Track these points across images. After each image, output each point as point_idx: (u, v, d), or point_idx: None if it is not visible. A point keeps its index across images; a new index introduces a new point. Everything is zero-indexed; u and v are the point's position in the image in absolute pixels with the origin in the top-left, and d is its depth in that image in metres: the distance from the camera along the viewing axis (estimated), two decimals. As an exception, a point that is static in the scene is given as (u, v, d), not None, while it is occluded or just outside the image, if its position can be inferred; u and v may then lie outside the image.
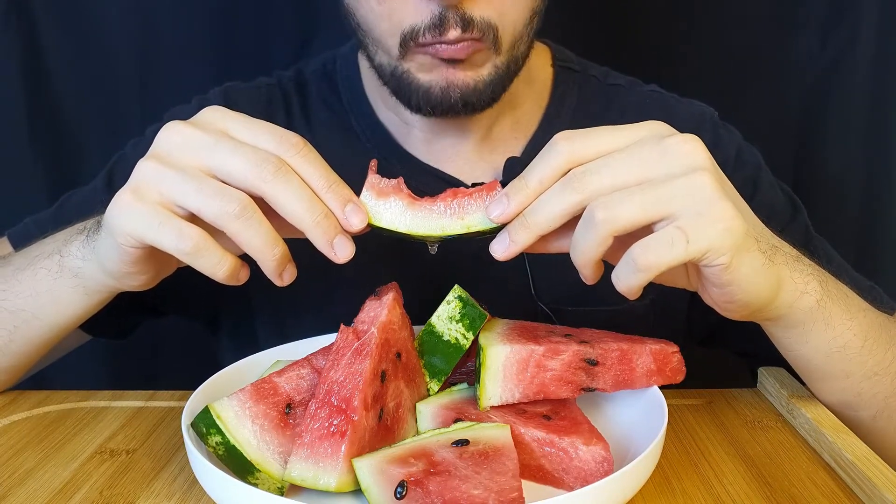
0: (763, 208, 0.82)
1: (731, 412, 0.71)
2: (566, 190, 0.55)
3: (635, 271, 0.53)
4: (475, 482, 0.51)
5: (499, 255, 0.59)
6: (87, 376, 1.27)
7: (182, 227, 0.57)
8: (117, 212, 0.59)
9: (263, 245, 0.57)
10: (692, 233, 0.52)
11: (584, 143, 0.56)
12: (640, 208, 0.53)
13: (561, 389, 0.60)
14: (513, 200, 0.57)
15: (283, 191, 0.56)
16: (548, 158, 0.57)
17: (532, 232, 0.57)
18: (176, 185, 0.57)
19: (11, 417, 0.72)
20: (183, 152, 0.58)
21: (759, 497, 0.58)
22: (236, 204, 0.56)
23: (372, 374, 0.56)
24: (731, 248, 0.53)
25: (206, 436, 0.55)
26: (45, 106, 1.21)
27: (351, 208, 0.59)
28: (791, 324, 0.62)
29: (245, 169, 0.56)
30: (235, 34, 1.20)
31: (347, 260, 0.59)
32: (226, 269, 0.58)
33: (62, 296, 0.67)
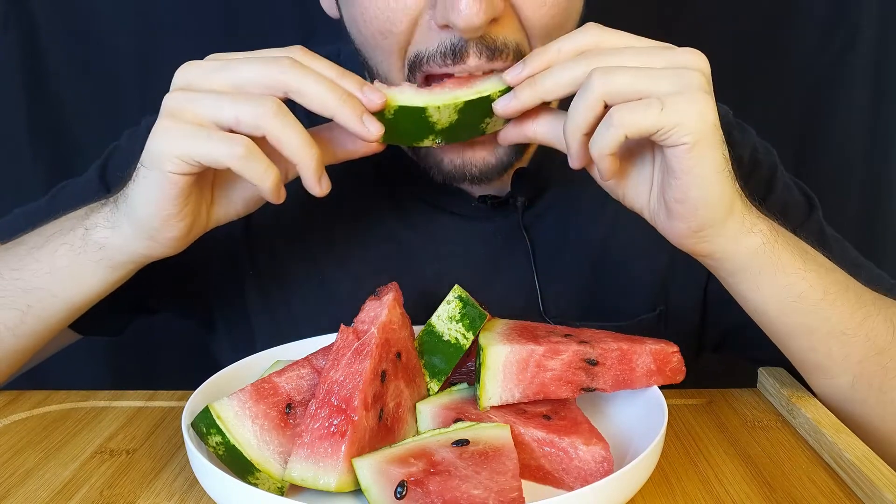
0: (776, 210, 0.82)
1: (731, 412, 0.71)
2: (578, 63, 0.59)
3: (609, 126, 0.56)
4: (475, 482, 0.51)
5: (500, 109, 0.62)
6: (87, 376, 1.27)
7: (230, 135, 0.58)
8: (161, 139, 0.59)
9: (303, 142, 0.59)
10: (668, 104, 0.55)
11: (611, 35, 0.60)
12: (632, 78, 0.56)
13: (561, 389, 0.60)
14: (528, 65, 0.61)
15: (304, 78, 0.59)
16: (574, 36, 0.60)
17: (536, 92, 0.60)
18: (209, 102, 0.59)
19: (11, 417, 0.72)
20: (204, 77, 0.60)
21: (759, 497, 0.58)
22: (271, 103, 0.58)
23: (372, 374, 0.56)
24: (698, 132, 0.56)
25: (207, 436, 0.55)
26: (45, 105, 1.22)
27: (368, 88, 0.61)
28: (738, 266, 0.63)
29: (264, 69, 0.59)
30: (235, 33, 1.20)
31: (379, 135, 0.60)
32: (273, 177, 0.59)
33: (83, 271, 0.67)
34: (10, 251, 0.71)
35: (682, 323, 0.84)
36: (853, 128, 1.24)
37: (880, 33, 1.21)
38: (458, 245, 0.82)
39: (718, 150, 0.58)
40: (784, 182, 0.86)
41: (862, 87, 1.22)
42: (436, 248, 0.82)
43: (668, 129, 0.56)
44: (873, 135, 1.24)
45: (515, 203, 0.80)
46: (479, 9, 0.60)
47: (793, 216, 0.83)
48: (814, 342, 0.66)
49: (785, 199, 0.84)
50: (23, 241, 0.71)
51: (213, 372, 0.65)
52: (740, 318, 0.68)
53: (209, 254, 0.72)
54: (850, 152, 1.25)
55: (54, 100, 1.22)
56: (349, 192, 0.81)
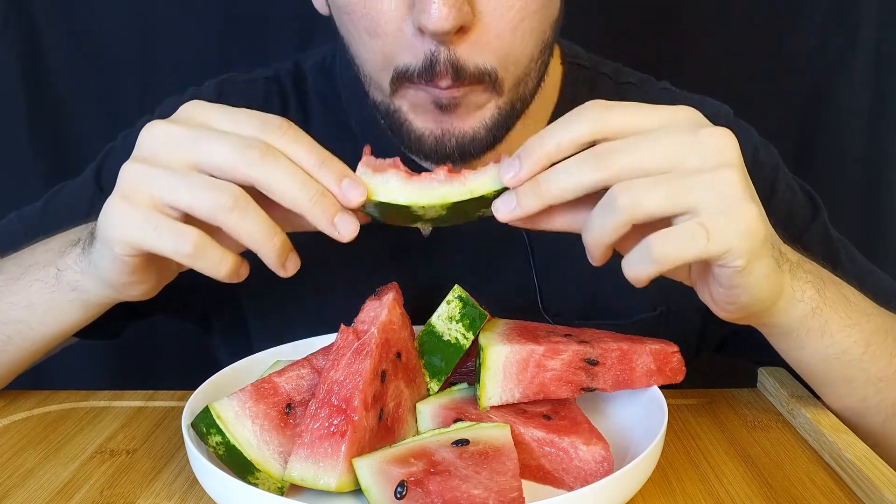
0: (780, 212, 0.81)
1: (731, 412, 0.71)
2: (589, 164, 0.53)
3: (649, 261, 0.52)
4: (475, 482, 0.51)
5: (502, 216, 0.56)
6: (87, 376, 1.28)
7: (179, 228, 0.56)
8: (110, 221, 0.57)
9: (262, 235, 0.56)
10: (714, 231, 0.51)
11: (615, 116, 0.54)
12: (665, 198, 0.51)
13: (561, 389, 0.60)
14: (526, 163, 0.55)
15: (274, 173, 0.55)
16: (573, 123, 0.54)
17: (543, 200, 0.55)
18: (165, 185, 0.55)
19: (11, 417, 0.72)
20: (167, 150, 0.56)
21: (759, 497, 0.58)
22: (228, 195, 0.55)
23: (372, 374, 0.56)
24: (750, 252, 0.52)
25: (207, 436, 0.55)
26: (45, 104, 1.21)
27: (348, 183, 0.57)
28: (785, 330, 0.62)
29: (231, 157, 0.55)
30: (235, 33, 1.20)
31: (352, 237, 0.57)
32: (227, 268, 0.57)
33: (59, 308, 0.67)
34: None
35: (683, 323, 0.84)
36: (853, 128, 1.24)
37: (880, 34, 1.21)
38: (455, 243, 0.81)
39: (769, 257, 0.54)
40: (787, 183, 0.85)
41: (862, 87, 1.22)
42: (432, 246, 0.81)
43: (718, 258, 0.52)
44: (873, 135, 1.24)
45: None
46: (449, 14, 0.59)
47: (797, 219, 0.83)
48: (850, 390, 0.66)
49: (789, 202, 0.83)
50: (1, 269, 0.71)
51: (213, 372, 0.65)
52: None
53: None
54: (850, 152, 1.25)
55: (54, 100, 1.21)
56: None
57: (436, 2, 0.59)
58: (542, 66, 0.71)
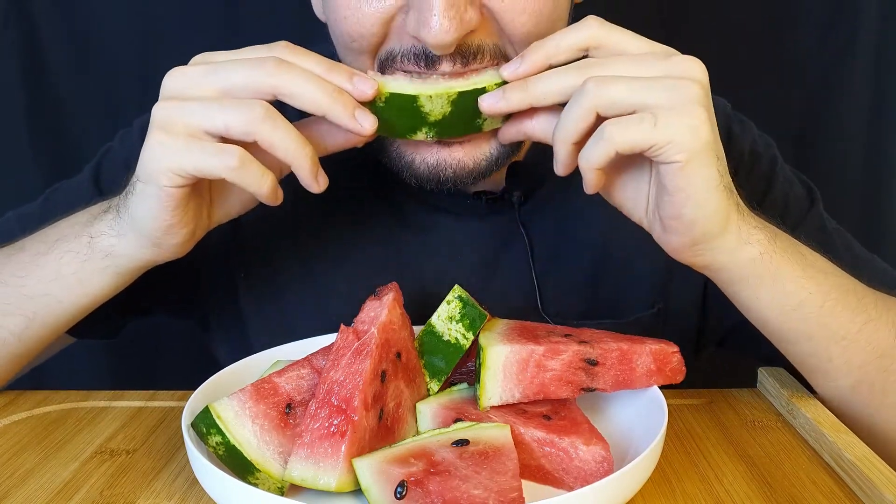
0: (778, 204, 0.82)
1: (731, 412, 0.71)
2: (572, 72, 0.58)
3: (599, 140, 0.56)
4: (475, 482, 0.51)
5: (485, 106, 0.61)
6: (87, 376, 1.28)
7: (222, 146, 0.58)
8: (153, 154, 0.59)
9: (295, 144, 0.58)
10: (662, 120, 0.54)
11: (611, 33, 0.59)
12: (626, 90, 0.55)
13: (561, 389, 0.60)
14: (526, 62, 0.60)
15: (292, 79, 0.58)
16: (573, 32, 0.59)
17: (527, 96, 0.59)
18: (199, 112, 0.58)
19: (11, 417, 0.72)
20: (192, 85, 0.60)
21: (759, 497, 0.58)
22: (259, 107, 0.57)
23: (372, 374, 0.56)
24: (692, 150, 0.55)
25: (207, 436, 0.55)
26: (45, 105, 1.22)
27: (358, 79, 0.60)
28: (736, 277, 0.62)
29: (250, 74, 0.58)
30: (235, 34, 1.20)
31: (373, 129, 0.60)
32: (268, 183, 0.59)
33: (90, 278, 0.67)
34: (11, 258, 0.71)
35: (682, 320, 0.84)
36: (853, 128, 1.24)
37: (880, 33, 1.21)
38: (454, 243, 0.81)
39: (712, 166, 0.57)
40: (784, 175, 0.85)
41: (862, 86, 1.22)
42: (432, 246, 0.81)
43: (661, 146, 0.55)
44: (873, 135, 1.24)
45: (511, 199, 0.79)
46: (451, 27, 0.60)
47: (794, 210, 0.83)
48: (814, 347, 0.66)
49: (786, 193, 0.84)
50: (24, 246, 0.71)
51: (213, 372, 0.65)
52: (741, 316, 0.68)
53: (201, 256, 0.72)
54: (850, 152, 1.25)
55: (54, 100, 1.22)
56: (343, 192, 0.81)
57: (436, 14, 0.60)
58: None
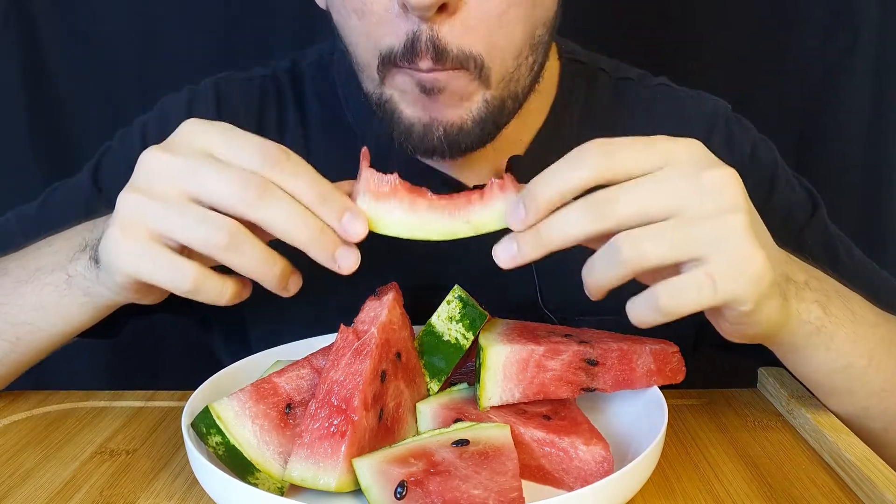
0: (779, 210, 0.81)
1: (731, 412, 0.71)
2: (589, 215, 0.52)
3: (655, 311, 0.52)
4: (475, 482, 0.51)
5: (503, 263, 0.56)
6: (87, 376, 1.27)
7: (177, 264, 0.56)
8: (110, 252, 0.58)
9: (260, 267, 0.56)
10: (721, 280, 0.51)
11: (617, 159, 0.53)
12: (669, 248, 0.51)
13: (561, 389, 0.60)
14: (530, 209, 0.55)
15: (273, 213, 0.54)
16: (575, 169, 0.53)
17: (544, 248, 0.55)
18: (160, 219, 0.55)
19: (11, 417, 0.72)
20: (164, 181, 0.56)
21: (759, 497, 0.58)
22: (223, 233, 0.54)
23: (372, 374, 0.56)
24: (757, 297, 0.53)
25: (206, 436, 0.55)
26: (45, 105, 1.21)
27: (349, 217, 0.57)
28: (790, 348, 0.62)
29: (228, 195, 0.54)
30: (236, 33, 1.20)
31: (353, 269, 0.57)
32: (228, 296, 0.58)
33: (70, 310, 0.67)
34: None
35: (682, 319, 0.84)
36: (853, 129, 1.24)
37: (880, 35, 1.21)
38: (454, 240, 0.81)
39: (777, 297, 0.54)
40: (786, 179, 0.85)
41: (862, 87, 1.22)
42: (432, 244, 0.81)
43: (724, 306, 0.52)
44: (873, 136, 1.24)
45: None
46: None
47: (797, 215, 0.83)
48: (853, 400, 0.66)
49: (788, 198, 0.83)
50: (7, 270, 0.71)
51: (213, 372, 0.65)
52: None
53: None
54: (851, 153, 1.25)
55: (54, 100, 1.21)
56: None
57: None
58: (535, 65, 0.71)
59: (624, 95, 0.86)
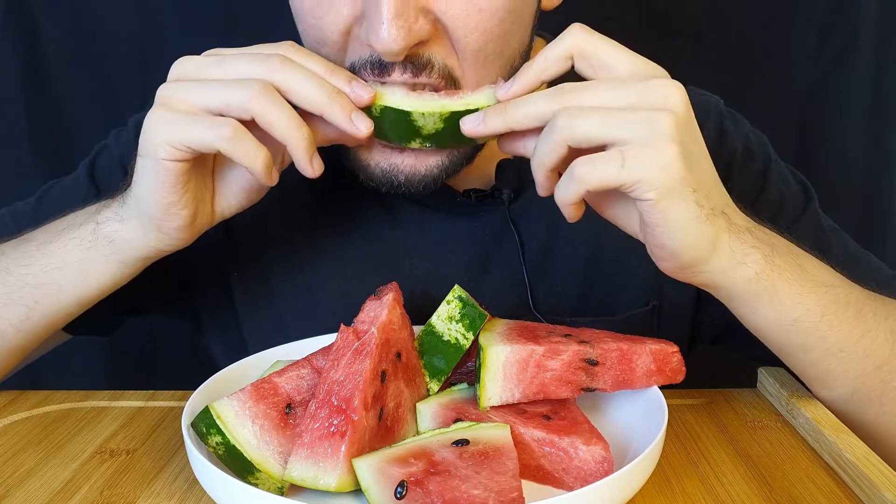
0: (773, 203, 0.82)
1: (731, 412, 0.71)
2: (550, 98, 0.58)
3: (571, 180, 0.56)
4: (475, 482, 0.51)
5: (465, 129, 0.62)
6: (87, 376, 1.28)
7: (216, 120, 0.60)
8: (151, 127, 0.61)
9: (292, 123, 0.60)
10: (630, 159, 0.54)
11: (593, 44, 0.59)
12: (598, 124, 0.55)
13: (561, 389, 0.60)
14: (517, 82, 0.61)
15: (293, 76, 0.60)
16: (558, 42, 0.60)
17: (505, 121, 0.60)
18: (199, 89, 0.60)
19: (11, 417, 0.72)
20: (196, 70, 0.62)
21: (759, 497, 0.58)
22: (257, 84, 0.59)
23: (372, 374, 0.56)
24: (662, 187, 0.55)
25: (207, 436, 0.55)
26: (45, 105, 1.22)
27: (356, 84, 0.62)
28: (732, 294, 0.62)
29: (254, 67, 0.60)
30: (235, 34, 1.20)
31: (369, 132, 0.62)
32: (262, 158, 0.60)
33: (94, 266, 0.67)
34: (17, 248, 0.71)
35: (677, 318, 0.84)
36: (853, 128, 1.24)
37: (880, 33, 1.21)
38: (445, 242, 0.81)
39: (688, 199, 0.56)
40: (779, 172, 0.85)
41: (862, 86, 1.22)
42: (423, 245, 0.81)
43: (630, 186, 0.55)
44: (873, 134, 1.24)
45: (501, 196, 0.79)
46: (398, 36, 0.60)
47: (789, 208, 0.83)
48: (811, 359, 0.66)
49: (781, 191, 0.83)
50: (30, 237, 0.71)
51: (212, 372, 0.65)
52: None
53: (194, 255, 0.72)
54: (850, 151, 1.25)
55: (54, 100, 1.22)
56: (333, 192, 0.81)
57: (384, 22, 0.60)
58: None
59: None
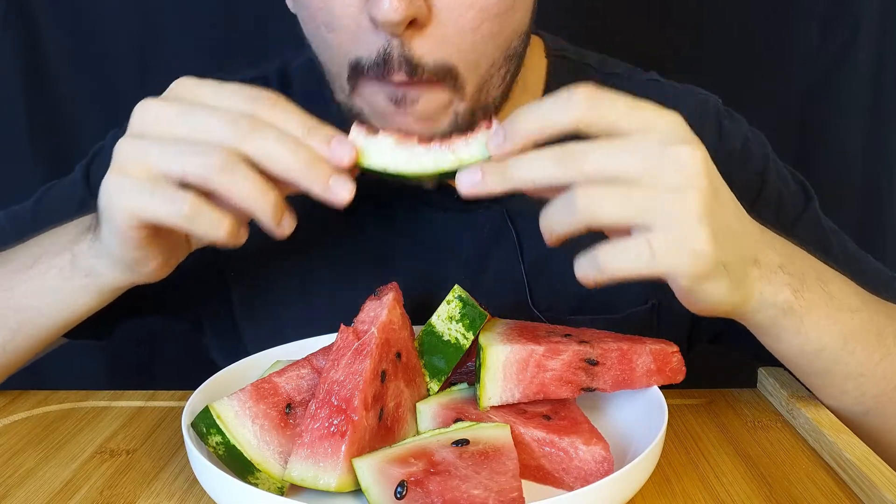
0: (772, 203, 0.81)
1: (731, 412, 0.71)
2: (558, 164, 0.54)
3: (596, 269, 0.54)
4: (475, 482, 0.51)
5: (464, 188, 0.56)
6: (87, 376, 1.27)
7: (174, 193, 0.56)
8: (108, 194, 0.58)
9: (254, 193, 0.56)
10: (660, 252, 0.52)
11: (600, 112, 0.54)
12: (621, 210, 0.52)
13: (561, 389, 0.60)
14: (510, 138, 0.56)
15: (264, 143, 0.55)
16: (560, 109, 0.54)
17: (506, 184, 0.55)
18: (157, 155, 0.56)
19: (11, 417, 0.72)
20: (159, 125, 0.57)
21: (759, 497, 0.58)
22: (218, 155, 0.55)
23: (372, 374, 0.56)
24: (693, 275, 0.53)
25: (207, 436, 0.55)
26: (45, 105, 1.21)
27: (337, 143, 0.57)
28: (757, 328, 0.63)
29: (222, 130, 0.55)
30: (236, 33, 1.20)
31: (349, 199, 0.57)
32: (225, 228, 0.57)
33: (73, 294, 0.67)
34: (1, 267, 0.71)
35: (676, 315, 0.83)
36: (853, 128, 1.24)
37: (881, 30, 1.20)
38: (443, 239, 0.81)
39: (720, 277, 0.55)
40: (778, 171, 0.85)
41: (862, 84, 1.22)
42: (419, 242, 0.81)
43: (661, 275, 0.53)
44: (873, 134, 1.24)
45: None
46: (399, 6, 0.59)
47: (789, 209, 0.83)
48: (829, 381, 0.66)
49: (780, 191, 0.83)
50: (9, 258, 0.71)
51: (212, 372, 0.65)
52: None
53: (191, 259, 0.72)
54: (851, 150, 1.25)
55: (54, 100, 1.22)
56: None
57: None
58: (507, 75, 0.70)
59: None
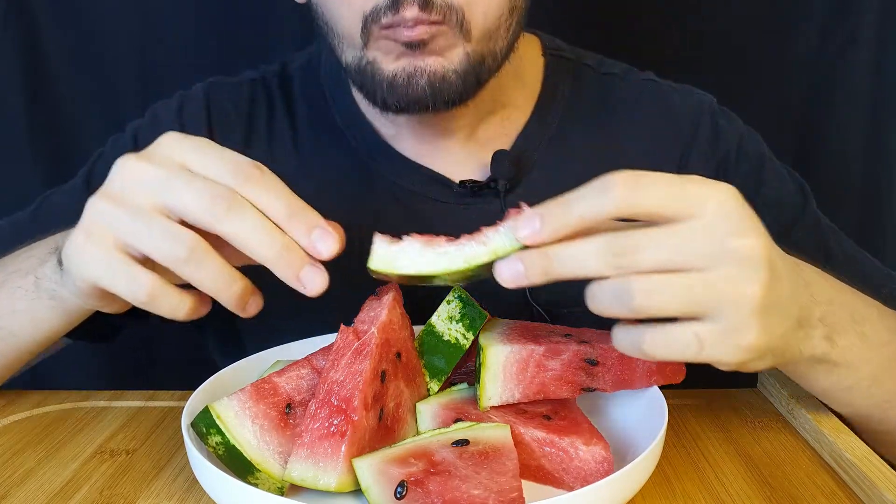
0: (769, 202, 0.81)
1: (731, 412, 0.71)
2: (608, 258, 0.50)
3: (638, 351, 0.52)
4: (475, 482, 0.51)
5: (506, 282, 0.53)
6: (87, 376, 1.27)
7: (135, 274, 0.55)
8: (72, 256, 0.57)
9: (218, 284, 0.55)
10: (709, 344, 0.51)
11: (643, 196, 0.50)
12: (679, 306, 0.50)
13: (561, 389, 0.60)
14: (547, 226, 0.51)
15: (239, 226, 0.54)
16: (599, 197, 0.50)
17: (552, 275, 0.52)
18: (125, 228, 0.55)
19: (11, 417, 0.72)
20: (134, 190, 0.55)
21: (760, 497, 0.58)
22: (183, 247, 0.54)
23: (372, 374, 0.56)
24: (739, 364, 0.53)
25: (206, 436, 0.55)
26: (45, 105, 1.21)
27: (318, 233, 0.55)
28: (790, 373, 0.63)
29: (197, 208, 0.54)
30: (236, 33, 1.20)
31: (320, 291, 0.55)
32: (185, 311, 0.56)
33: (40, 315, 0.66)
34: None
35: None
36: (853, 128, 1.24)
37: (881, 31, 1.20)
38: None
39: (765, 361, 0.54)
40: (775, 170, 0.84)
41: (862, 85, 1.22)
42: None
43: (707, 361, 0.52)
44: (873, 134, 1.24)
45: (496, 187, 0.79)
46: None
47: (787, 209, 0.83)
48: (853, 410, 0.66)
49: (778, 191, 0.83)
50: None
51: (212, 372, 0.65)
52: None
53: None
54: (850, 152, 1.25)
55: (54, 100, 1.21)
56: (328, 185, 0.80)
57: None
58: (511, 27, 0.72)
59: (609, 91, 0.86)
